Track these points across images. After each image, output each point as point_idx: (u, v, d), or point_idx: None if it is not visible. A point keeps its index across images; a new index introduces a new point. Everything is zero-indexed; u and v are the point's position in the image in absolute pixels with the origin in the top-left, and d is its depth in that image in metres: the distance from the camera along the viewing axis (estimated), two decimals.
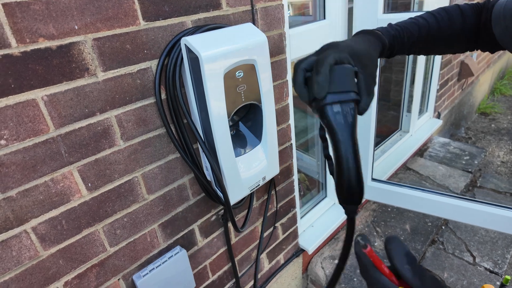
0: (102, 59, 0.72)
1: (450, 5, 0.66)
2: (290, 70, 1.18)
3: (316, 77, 0.46)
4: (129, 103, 0.79)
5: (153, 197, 0.91)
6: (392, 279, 0.41)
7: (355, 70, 0.49)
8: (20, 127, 0.65)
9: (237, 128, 0.99)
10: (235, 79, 0.82)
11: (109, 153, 0.79)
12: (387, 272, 0.42)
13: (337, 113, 0.47)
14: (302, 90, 0.49)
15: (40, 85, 0.66)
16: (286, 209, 1.42)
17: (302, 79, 0.50)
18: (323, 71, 0.46)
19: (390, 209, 2.04)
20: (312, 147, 1.84)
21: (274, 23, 1.05)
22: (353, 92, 0.48)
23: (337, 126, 0.46)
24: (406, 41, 0.63)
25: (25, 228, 0.71)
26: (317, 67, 0.47)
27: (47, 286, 0.77)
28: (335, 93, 0.47)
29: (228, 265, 1.24)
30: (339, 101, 0.47)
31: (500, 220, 1.48)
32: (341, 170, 0.46)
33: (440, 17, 0.64)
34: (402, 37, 0.62)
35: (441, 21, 0.63)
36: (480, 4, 0.64)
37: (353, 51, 0.50)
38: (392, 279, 0.41)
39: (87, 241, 0.81)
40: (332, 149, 0.48)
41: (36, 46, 0.64)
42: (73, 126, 0.72)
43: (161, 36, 0.80)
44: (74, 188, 0.76)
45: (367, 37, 0.58)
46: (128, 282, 0.93)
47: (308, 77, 0.49)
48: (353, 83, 0.48)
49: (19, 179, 0.67)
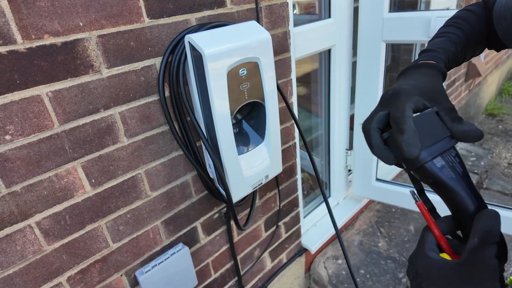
0: (106, 56, 0.73)
1: (463, 12, 0.64)
2: (294, 69, 1.18)
3: (402, 137, 0.40)
4: (133, 100, 0.80)
5: (156, 194, 0.91)
6: (442, 244, 0.40)
7: (436, 111, 0.43)
8: (25, 122, 0.66)
9: (240, 126, 0.99)
10: (238, 77, 0.82)
11: (113, 150, 0.80)
12: (437, 234, 0.41)
13: (443, 167, 0.41)
14: (384, 153, 0.43)
15: (45, 81, 0.66)
16: (289, 208, 1.42)
17: (381, 141, 0.44)
18: (409, 127, 0.40)
19: (395, 209, 2.03)
20: (316, 147, 1.83)
21: (278, 21, 1.05)
22: (447, 137, 0.42)
23: (450, 182, 0.41)
24: (450, 61, 0.60)
25: (29, 222, 0.71)
26: (398, 125, 0.41)
27: (51, 280, 0.78)
28: (430, 147, 0.41)
29: (231, 263, 1.24)
30: (439, 154, 0.41)
31: (506, 222, 1.46)
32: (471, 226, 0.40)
33: (464, 28, 0.61)
34: (448, 59, 0.59)
35: (466, 32, 0.61)
36: (483, 3, 0.63)
37: (422, 90, 0.44)
38: (442, 245, 0.40)
39: (90, 237, 0.82)
40: (448, 204, 0.43)
41: (41, 43, 0.64)
42: (77, 122, 0.72)
43: (165, 33, 0.80)
44: (78, 184, 0.76)
45: (424, 71, 0.51)
46: (130, 278, 0.93)
47: (387, 137, 0.44)
48: (442, 127, 0.43)
49: (23, 174, 0.68)
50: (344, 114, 1.62)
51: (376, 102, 1.47)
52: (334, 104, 1.56)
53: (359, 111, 1.56)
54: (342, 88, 1.54)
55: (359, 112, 1.57)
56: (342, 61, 1.47)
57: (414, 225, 1.90)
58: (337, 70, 1.47)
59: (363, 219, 1.98)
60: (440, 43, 0.58)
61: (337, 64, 1.46)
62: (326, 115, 1.63)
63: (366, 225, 1.93)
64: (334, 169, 1.75)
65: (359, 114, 1.57)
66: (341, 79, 1.51)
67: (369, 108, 1.51)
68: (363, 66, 1.45)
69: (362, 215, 2.01)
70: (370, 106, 1.51)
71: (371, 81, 1.45)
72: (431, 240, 0.41)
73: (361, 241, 1.81)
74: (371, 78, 1.45)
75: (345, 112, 1.61)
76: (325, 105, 1.60)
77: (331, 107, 1.58)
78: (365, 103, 1.52)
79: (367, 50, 1.40)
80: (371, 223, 1.94)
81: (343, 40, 1.43)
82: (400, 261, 1.68)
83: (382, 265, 1.67)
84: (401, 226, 1.91)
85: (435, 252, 0.40)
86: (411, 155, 0.40)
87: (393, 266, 1.66)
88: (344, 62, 1.48)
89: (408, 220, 1.94)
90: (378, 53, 1.38)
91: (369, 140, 0.45)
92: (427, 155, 0.41)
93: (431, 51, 0.56)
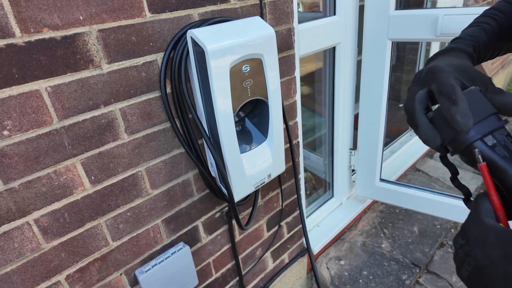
0: (107, 51, 0.71)
1: (502, 3, 0.60)
2: (298, 66, 1.16)
3: (456, 108, 0.38)
4: (133, 96, 0.78)
5: (156, 192, 0.90)
6: (499, 213, 0.38)
7: (478, 89, 0.41)
8: (23, 118, 0.65)
9: (242, 124, 0.97)
10: (241, 73, 0.81)
11: (113, 147, 0.78)
12: (496, 202, 0.38)
13: (494, 146, 0.39)
14: (431, 132, 0.41)
15: (44, 76, 0.65)
16: (291, 207, 1.40)
17: (427, 121, 0.42)
18: (460, 97, 0.38)
19: (398, 210, 2.01)
20: (319, 146, 1.81)
21: (282, 17, 1.03)
22: (494, 115, 0.40)
23: (503, 162, 0.38)
24: (481, 50, 0.58)
25: (27, 220, 0.70)
26: (449, 96, 0.39)
27: (49, 279, 0.77)
28: (478, 124, 0.39)
29: (232, 263, 1.23)
30: (490, 132, 0.39)
31: None
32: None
33: (500, 19, 0.58)
34: (479, 48, 0.57)
35: (502, 23, 0.58)
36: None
37: (457, 68, 0.43)
38: (499, 214, 0.38)
39: (89, 235, 0.80)
40: (499, 188, 0.40)
41: (40, 36, 0.63)
42: (76, 118, 0.71)
43: (167, 28, 0.79)
44: (77, 181, 0.75)
45: (452, 53, 0.50)
46: (130, 277, 0.92)
47: (433, 116, 0.42)
48: (488, 104, 0.40)
49: (21, 171, 0.67)
50: (348, 113, 1.60)
51: (381, 101, 1.45)
52: (338, 103, 1.54)
53: (364, 110, 1.54)
54: (347, 86, 1.51)
55: (363, 112, 1.55)
56: (347, 59, 1.45)
57: (418, 227, 1.88)
58: (341, 69, 1.45)
59: (366, 219, 1.96)
60: (471, 32, 0.56)
61: (342, 62, 1.44)
62: (330, 114, 1.61)
63: (369, 226, 1.90)
64: (338, 169, 1.73)
65: (364, 114, 1.55)
66: (346, 77, 1.49)
67: (374, 107, 1.49)
68: (369, 65, 1.43)
69: (365, 215, 1.98)
70: (375, 106, 1.49)
71: (376, 80, 1.43)
72: (488, 207, 0.38)
73: (364, 242, 1.79)
74: (376, 77, 1.43)
75: (349, 111, 1.59)
76: (329, 104, 1.59)
77: (335, 106, 1.56)
78: (370, 102, 1.50)
79: (373, 48, 1.38)
80: (375, 224, 1.92)
81: (348, 38, 1.41)
82: (403, 263, 1.66)
83: (386, 266, 1.65)
84: (405, 227, 1.88)
85: (493, 219, 0.37)
86: (465, 126, 0.38)
87: (396, 268, 1.64)
88: (349, 60, 1.46)
89: (412, 221, 1.92)
90: (383, 52, 1.36)
91: (414, 121, 0.42)
92: (475, 133, 0.39)
93: (461, 38, 0.55)
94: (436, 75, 0.42)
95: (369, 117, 1.53)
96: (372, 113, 1.52)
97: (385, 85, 1.43)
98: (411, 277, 1.59)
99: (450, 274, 1.66)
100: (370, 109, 1.51)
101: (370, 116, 1.53)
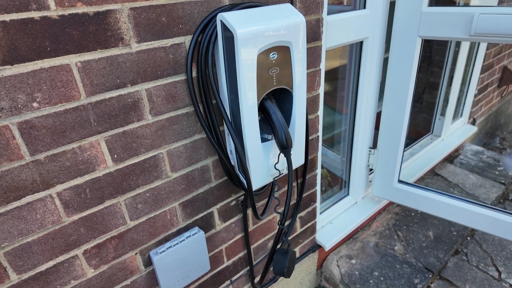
0: (137, 29, 0.71)
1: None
2: (324, 59, 1.14)
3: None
4: (160, 77, 0.78)
5: (176, 175, 0.90)
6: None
7: None
8: (52, 91, 0.65)
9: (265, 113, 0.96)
10: (268, 60, 0.80)
11: (137, 127, 0.79)
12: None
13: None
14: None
15: (75, 50, 0.65)
16: (306, 202, 1.39)
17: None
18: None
19: (414, 213, 1.97)
20: (337, 143, 1.79)
21: (312, 7, 1.01)
22: None
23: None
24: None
25: (51, 192, 0.71)
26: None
27: (67, 252, 0.78)
28: None
29: (244, 252, 1.23)
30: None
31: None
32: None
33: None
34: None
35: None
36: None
37: None
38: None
39: (108, 212, 0.81)
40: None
41: (74, 11, 0.63)
42: (104, 96, 0.72)
43: (197, 11, 0.78)
44: (100, 158, 0.76)
45: None
46: (144, 258, 0.93)
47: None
48: None
49: (48, 143, 0.68)
50: (371, 111, 1.56)
51: (406, 100, 1.42)
52: (361, 99, 1.51)
53: (387, 109, 1.51)
54: (371, 84, 1.48)
55: (386, 110, 1.51)
56: (374, 55, 1.41)
57: (433, 231, 1.84)
58: (368, 64, 1.42)
59: (380, 220, 1.93)
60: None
61: (369, 57, 1.41)
62: (351, 111, 1.59)
63: (383, 227, 1.88)
64: (355, 168, 1.71)
65: (387, 112, 1.52)
66: (371, 74, 1.46)
67: (398, 106, 1.46)
68: (396, 62, 1.39)
69: (380, 216, 1.95)
70: (399, 105, 1.45)
71: (403, 78, 1.39)
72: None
73: (377, 243, 1.77)
74: (403, 75, 1.39)
75: (372, 109, 1.56)
76: (352, 101, 1.56)
77: (358, 103, 1.53)
78: (394, 101, 1.47)
79: (402, 45, 1.34)
80: (389, 225, 1.89)
81: (377, 33, 1.37)
82: (416, 267, 1.63)
83: (397, 269, 1.62)
84: (420, 231, 1.84)
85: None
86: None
87: (408, 271, 1.61)
88: (376, 56, 1.42)
89: (428, 225, 1.88)
90: (413, 49, 1.32)
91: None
92: None
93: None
94: None
95: (392, 116, 1.50)
96: (395, 113, 1.48)
97: (411, 84, 1.39)
98: (423, 281, 1.56)
99: (463, 282, 1.62)
100: (394, 108, 1.48)
101: (393, 115, 1.49)
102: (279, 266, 0.92)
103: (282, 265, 0.92)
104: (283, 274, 0.93)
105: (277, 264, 0.93)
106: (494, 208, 1.46)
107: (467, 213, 1.50)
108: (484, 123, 2.88)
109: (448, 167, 2.36)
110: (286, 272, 0.92)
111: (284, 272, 0.92)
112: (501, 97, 3.01)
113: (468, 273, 1.66)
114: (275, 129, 0.84)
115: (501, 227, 1.44)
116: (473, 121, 2.63)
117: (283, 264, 0.92)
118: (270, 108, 0.84)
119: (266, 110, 0.85)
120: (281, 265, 0.92)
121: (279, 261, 0.93)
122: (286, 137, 0.84)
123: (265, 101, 0.86)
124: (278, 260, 0.93)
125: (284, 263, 0.92)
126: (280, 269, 0.92)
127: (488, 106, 2.81)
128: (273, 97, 0.91)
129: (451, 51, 2.12)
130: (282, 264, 0.92)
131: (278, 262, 0.93)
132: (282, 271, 0.93)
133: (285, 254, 0.94)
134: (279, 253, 0.95)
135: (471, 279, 1.63)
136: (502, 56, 2.61)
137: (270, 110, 0.84)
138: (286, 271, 0.92)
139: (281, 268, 0.92)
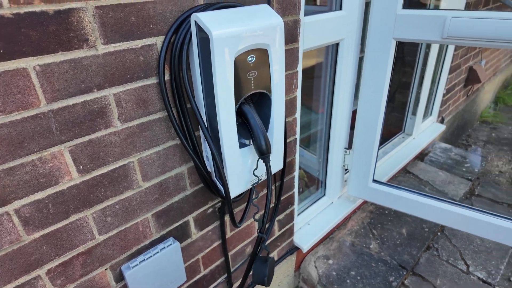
0: (103, 30, 0.65)
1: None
2: (301, 61, 1.12)
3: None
4: (129, 81, 0.73)
5: (148, 184, 0.85)
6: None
7: None
8: (7, 98, 0.58)
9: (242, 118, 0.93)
10: (246, 64, 0.76)
11: (105, 134, 0.73)
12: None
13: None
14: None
15: (33, 53, 0.59)
16: (284, 205, 1.37)
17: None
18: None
19: (388, 211, 2.00)
20: (314, 143, 1.78)
21: (289, 8, 0.98)
22: None
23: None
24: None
25: (7, 209, 0.64)
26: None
27: (28, 273, 0.71)
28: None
29: (221, 260, 1.19)
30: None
31: (496, 230, 1.45)
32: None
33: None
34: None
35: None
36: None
37: None
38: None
39: (74, 227, 0.75)
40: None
41: (31, 9, 0.57)
42: (67, 102, 0.65)
43: (169, 10, 0.73)
44: (64, 170, 0.69)
45: None
46: (116, 273, 0.87)
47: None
48: None
49: (3, 156, 0.61)
50: (347, 111, 1.57)
51: (381, 101, 1.43)
52: (337, 100, 1.50)
53: (362, 109, 1.52)
54: (347, 83, 1.48)
55: (361, 111, 1.52)
56: (350, 56, 1.41)
57: (406, 229, 1.88)
58: (344, 66, 1.42)
59: (355, 219, 1.95)
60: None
61: (345, 59, 1.40)
62: (327, 112, 1.58)
63: (358, 226, 1.90)
64: (332, 168, 1.71)
65: (362, 113, 1.52)
66: (347, 74, 1.45)
67: (373, 106, 1.47)
68: (371, 63, 1.39)
69: (355, 215, 1.98)
70: (374, 105, 1.46)
71: (377, 78, 1.40)
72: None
73: (353, 242, 1.78)
74: (378, 75, 1.40)
75: (348, 109, 1.56)
76: (328, 100, 1.55)
77: (334, 104, 1.52)
78: (369, 101, 1.47)
79: (377, 46, 1.35)
80: (364, 224, 1.91)
81: (353, 34, 1.37)
82: (391, 264, 1.66)
83: (373, 267, 1.64)
84: (394, 229, 1.88)
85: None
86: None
87: (384, 269, 1.63)
88: (352, 57, 1.42)
89: (401, 223, 1.92)
90: (387, 50, 1.32)
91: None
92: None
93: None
94: None
95: (367, 116, 1.51)
96: (370, 113, 1.49)
97: (386, 84, 1.40)
98: (398, 279, 1.59)
99: (434, 277, 1.66)
100: (369, 108, 1.49)
101: (368, 116, 1.50)
102: (260, 275, 0.90)
103: (262, 273, 0.90)
104: (263, 283, 0.90)
105: (257, 273, 0.90)
106: (461, 205, 1.51)
107: (437, 211, 1.54)
108: (452, 121, 3.00)
109: (419, 165, 2.43)
110: (266, 281, 0.90)
111: (264, 281, 0.90)
112: (467, 96, 3.14)
113: (439, 268, 1.72)
114: (254, 135, 0.81)
115: (468, 223, 1.49)
116: (441, 120, 2.72)
117: (263, 272, 0.90)
118: (248, 112, 0.81)
119: (244, 114, 0.82)
120: (262, 274, 0.90)
121: (259, 270, 0.90)
122: (265, 143, 0.80)
123: (243, 105, 0.82)
124: (258, 269, 0.90)
125: (264, 272, 0.90)
126: (260, 278, 0.90)
127: (455, 105, 2.92)
128: (251, 101, 0.88)
129: (422, 52, 2.17)
130: (262, 273, 0.90)
131: (258, 271, 0.90)
132: (262, 280, 0.90)
133: (264, 263, 0.91)
134: (258, 262, 0.92)
135: (442, 274, 1.68)
136: (468, 57, 2.71)
137: (248, 115, 0.81)
138: (266, 280, 0.90)
139: (262, 277, 0.90)
